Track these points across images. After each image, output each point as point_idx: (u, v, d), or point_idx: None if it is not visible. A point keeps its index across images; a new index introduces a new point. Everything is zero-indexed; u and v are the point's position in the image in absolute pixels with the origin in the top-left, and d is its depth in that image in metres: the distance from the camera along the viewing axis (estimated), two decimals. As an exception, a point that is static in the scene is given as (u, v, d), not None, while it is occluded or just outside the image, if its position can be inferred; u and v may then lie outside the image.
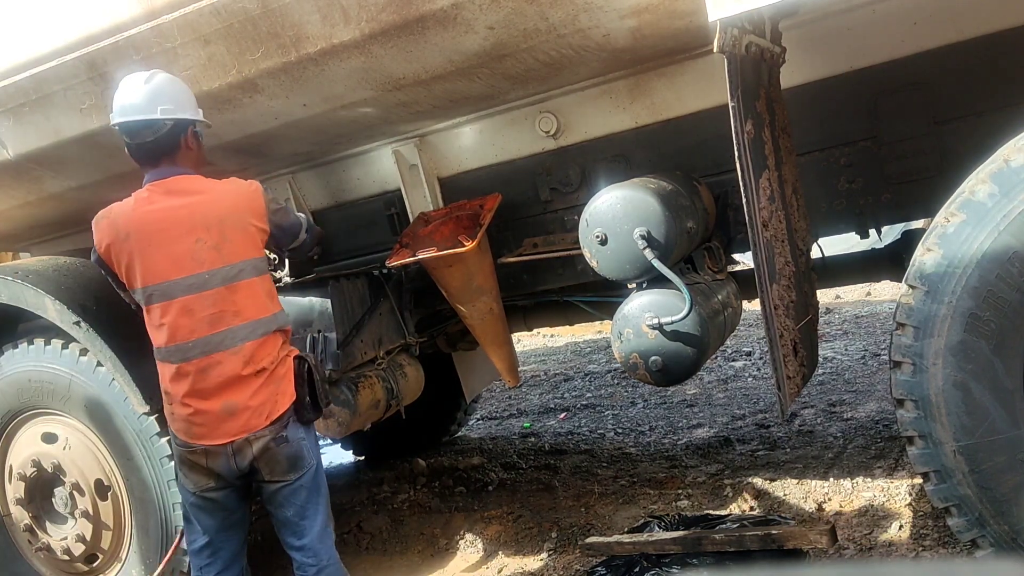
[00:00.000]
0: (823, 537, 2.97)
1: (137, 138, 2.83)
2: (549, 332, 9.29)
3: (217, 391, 2.76)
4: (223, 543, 2.93)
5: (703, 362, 2.88)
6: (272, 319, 2.85)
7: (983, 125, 2.89)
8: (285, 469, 2.83)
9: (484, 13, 2.71)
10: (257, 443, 2.78)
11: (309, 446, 2.91)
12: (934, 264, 2.37)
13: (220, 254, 2.76)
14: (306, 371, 2.89)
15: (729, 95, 2.39)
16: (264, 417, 2.78)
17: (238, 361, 2.76)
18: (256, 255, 2.85)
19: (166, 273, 2.76)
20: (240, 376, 2.76)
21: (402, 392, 3.82)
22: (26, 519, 3.93)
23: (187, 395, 2.78)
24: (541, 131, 3.54)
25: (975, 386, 2.36)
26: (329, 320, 3.46)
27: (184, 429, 2.82)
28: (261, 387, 2.78)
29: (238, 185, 2.91)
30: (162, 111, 2.81)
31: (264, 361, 2.79)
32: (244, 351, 2.76)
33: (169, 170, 2.84)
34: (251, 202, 2.87)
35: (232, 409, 2.76)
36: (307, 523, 2.89)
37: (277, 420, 2.80)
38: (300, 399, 2.86)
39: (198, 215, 2.77)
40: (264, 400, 2.78)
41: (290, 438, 2.83)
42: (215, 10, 2.89)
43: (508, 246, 3.72)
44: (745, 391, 6.04)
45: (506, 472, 5.13)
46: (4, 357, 3.95)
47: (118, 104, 2.85)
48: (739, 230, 3.30)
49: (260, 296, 2.83)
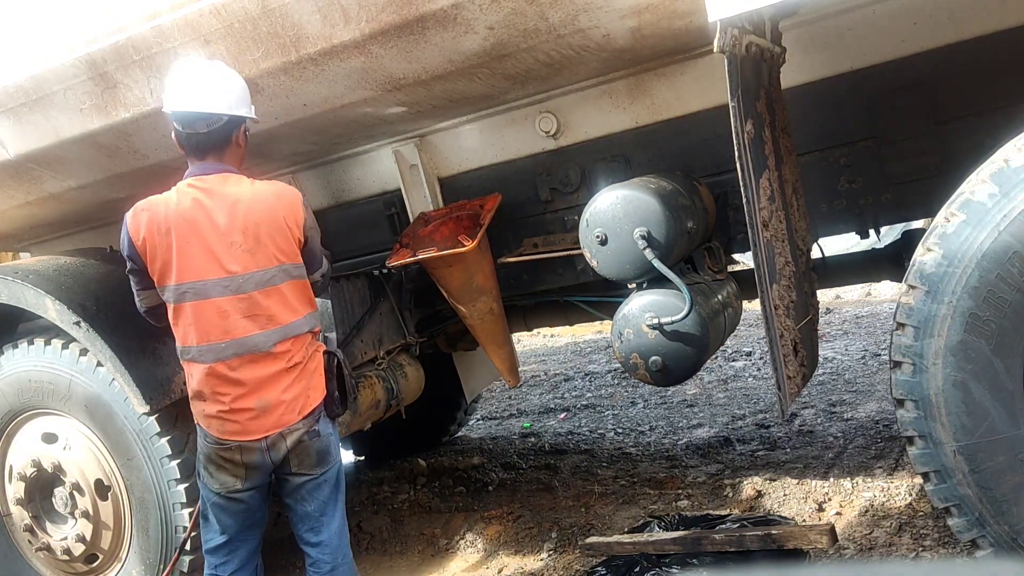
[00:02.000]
0: (823, 537, 2.97)
1: (190, 128, 2.79)
2: (549, 332, 9.30)
3: (251, 389, 2.76)
4: (241, 543, 2.94)
5: (703, 362, 2.88)
6: (304, 322, 2.85)
7: (983, 125, 2.89)
8: (314, 463, 2.86)
9: (484, 13, 2.71)
10: (291, 436, 2.80)
11: (335, 442, 2.95)
12: (934, 264, 2.37)
13: (254, 258, 2.74)
14: (335, 366, 2.91)
15: (729, 95, 2.39)
16: (296, 412, 2.80)
17: (271, 360, 2.77)
18: (289, 260, 2.81)
19: (202, 272, 2.73)
20: (273, 374, 2.78)
21: (402, 392, 3.82)
22: (26, 519, 3.93)
23: (221, 394, 2.77)
24: (541, 131, 3.54)
25: (975, 386, 2.36)
26: (329, 320, 3.46)
27: (218, 427, 2.81)
28: (294, 382, 2.80)
29: (279, 189, 2.86)
30: (224, 106, 2.78)
31: (296, 357, 2.81)
32: (277, 351, 2.78)
33: (213, 166, 2.81)
34: (290, 207, 2.83)
35: (266, 406, 2.76)
36: (326, 519, 2.91)
37: (309, 414, 2.82)
38: (330, 393, 2.89)
39: (237, 217, 2.74)
40: (297, 395, 2.80)
41: (321, 432, 2.86)
42: (215, 10, 2.88)
43: (508, 246, 3.72)
44: (745, 391, 6.04)
45: (506, 472, 5.13)
46: (4, 357, 3.95)
47: (176, 90, 2.80)
48: (739, 230, 3.30)
49: (293, 301, 2.82)
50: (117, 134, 3.40)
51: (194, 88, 2.77)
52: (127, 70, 3.15)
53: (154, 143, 3.44)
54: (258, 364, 2.76)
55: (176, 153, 3.55)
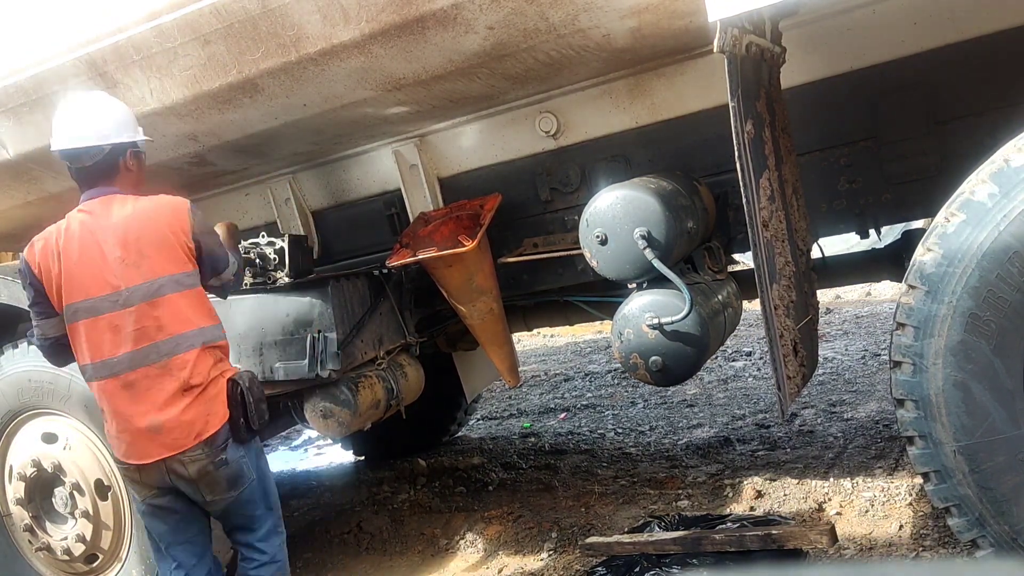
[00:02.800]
0: (823, 537, 2.97)
1: (77, 163, 2.85)
2: (549, 332, 9.29)
3: (145, 408, 2.77)
4: (180, 549, 2.96)
5: (703, 362, 2.88)
6: (198, 333, 2.83)
7: (983, 125, 2.89)
8: (225, 488, 2.86)
9: (484, 13, 2.71)
10: (193, 465, 2.79)
11: (249, 462, 2.92)
12: (934, 264, 2.37)
13: (139, 271, 2.77)
14: (239, 394, 2.86)
15: (729, 95, 2.39)
16: (193, 436, 2.77)
17: (166, 376, 2.77)
18: (178, 270, 2.82)
19: (90, 290, 2.78)
20: (167, 392, 2.77)
21: (402, 392, 3.82)
22: (26, 519, 3.93)
23: (117, 412, 2.81)
24: (541, 131, 3.54)
25: (975, 386, 2.36)
26: (329, 320, 3.46)
27: (116, 446, 2.87)
28: (190, 405, 2.78)
29: (160, 201, 2.88)
30: (99, 136, 2.82)
31: (194, 379, 2.79)
32: (170, 366, 2.77)
33: (101, 190, 2.86)
34: (173, 216, 2.84)
35: (158, 427, 2.76)
36: (255, 526, 2.96)
37: (209, 441, 2.79)
38: (235, 420, 2.85)
39: (120, 233, 2.79)
40: (193, 418, 2.78)
41: (229, 459, 2.84)
42: (215, 10, 2.89)
43: (508, 246, 3.72)
44: (745, 391, 6.04)
45: (506, 472, 5.13)
46: (4, 357, 3.95)
47: (57, 130, 2.87)
48: (739, 230, 3.30)
49: (184, 311, 2.82)
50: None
51: (72, 124, 2.84)
52: (127, 70, 3.15)
53: (154, 143, 3.44)
54: (152, 380, 2.77)
55: (177, 154, 3.56)
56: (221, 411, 2.81)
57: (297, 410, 3.66)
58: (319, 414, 3.49)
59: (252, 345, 3.48)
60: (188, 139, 3.43)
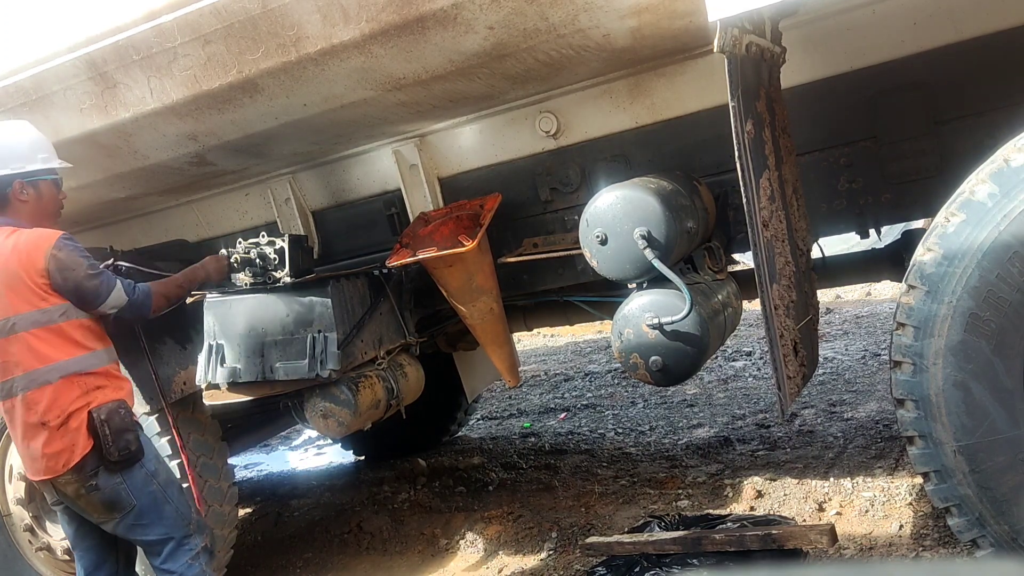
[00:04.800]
0: (823, 537, 2.97)
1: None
2: (549, 332, 9.30)
3: (19, 436, 2.92)
4: (84, 549, 3.11)
5: (703, 362, 2.88)
6: (51, 370, 2.87)
7: (983, 125, 2.89)
8: (102, 512, 2.96)
9: (484, 13, 2.71)
10: (69, 487, 2.91)
11: (129, 488, 2.96)
12: (934, 264, 2.37)
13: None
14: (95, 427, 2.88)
15: (729, 95, 2.39)
16: (61, 465, 2.88)
17: (26, 410, 2.88)
18: (31, 307, 2.86)
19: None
20: (28, 424, 2.89)
21: (402, 392, 3.81)
22: (26, 519, 3.93)
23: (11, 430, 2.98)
24: (541, 131, 3.54)
25: (975, 386, 2.36)
26: (329, 320, 3.45)
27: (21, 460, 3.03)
28: (50, 439, 2.87)
29: (22, 238, 2.90)
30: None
31: (48, 416, 2.85)
32: (27, 400, 2.87)
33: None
34: (28, 255, 2.87)
35: (33, 454, 2.90)
36: (153, 551, 3.05)
37: (77, 469, 2.87)
38: (100, 449, 2.89)
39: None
40: (58, 450, 2.87)
41: (101, 486, 2.91)
42: (215, 10, 2.88)
43: (508, 246, 3.72)
44: (745, 391, 6.04)
45: (506, 472, 5.13)
46: (4, 357, 3.95)
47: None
48: (739, 230, 3.30)
49: (37, 347, 2.86)
50: (117, 134, 3.40)
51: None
52: (127, 70, 3.15)
53: (154, 143, 3.44)
54: (19, 412, 2.89)
55: (177, 154, 3.56)
56: (82, 442, 2.88)
57: (297, 410, 3.65)
58: (319, 414, 3.49)
59: (252, 345, 3.48)
60: (188, 139, 3.43)
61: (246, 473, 6.52)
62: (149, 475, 3.02)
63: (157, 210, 4.39)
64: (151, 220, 4.46)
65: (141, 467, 2.99)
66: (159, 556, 3.04)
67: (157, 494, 3.02)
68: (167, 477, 3.13)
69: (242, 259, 3.50)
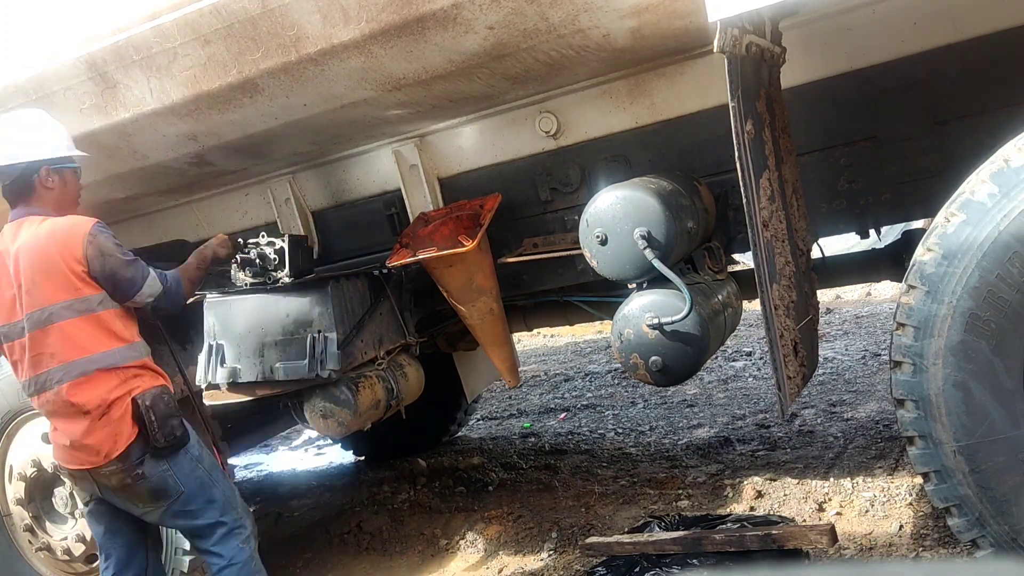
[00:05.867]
0: (823, 537, 2.96)
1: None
2: (549, 332, 9.29)
3: (58, 427, 2.89)
4: (112, 548, 3.05)
5: (703, 362, 2.88)
6: (90, 360, 2.83)
7: (983, 125, 2.89)
8: (149, 500, 2.91)
9: (484, 13, 2.71)
10: (113, 478, 2.85)
11: (176, 474, 2.92)
12: (934, 264, 2.37)
13: (32, 299, 2.81)
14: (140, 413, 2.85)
15: (729, 95, 2.39)
16: (102, 456, 2.82)
17: (63, 402, 2.83)
18: (69, 296, 2.81)
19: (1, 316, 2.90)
20: (69, 416, 2.84)
21: (402, 392, 3.81)
22: (26, 519, 3.93)
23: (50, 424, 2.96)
24: (541, 131, 3.54)
25: (975, 386, 2.36)
26: (329, 320, 3.46)
27: (52, 449, 3.00)
28: (90, 430, 2.81)
29: (57, 225, 2.87)
30: (8, 156, 2.85)
31: (89, 406, 2.81)
32: (64, 392, 2.82)
33: (19, 212, 2.91)
34: (66, 242, 2.83)
35: (73, 443, 2.85)
36: (203, 534, 3.00)
37: (121, 458, 2.82)
38: (144, 437, 2.86)
39: (18, 260, 2.83)
40: (99, 441, 2.82)
41: (147, 474, 2.87)
42: (215, 10, 2.88)
43: (508, 246, 3.72)
44: (745, 391, 6.04)
45: (506, 472, 5.13)
46: (4, 357, 3.95)
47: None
48: (739, 230, 3.30)
49: (77, 338, 2.82)
50: (117, 134, 3.40)
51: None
52: (127, 70, 3.15)
53: (154, 143, 3.44)
54: (56, 404, 2.85)
55: (177, 154, 3.56)
56: (127, 431, 2.83)
57: (297, 410, 3.65)
58: (319, 414, 3.49)
59: (252, 345, 3.48)
60: (188, 139, 3.43)
61: (246, 473, 6.52)
62: (194, 460, 2.98)
63: (157, 210, 4.39)
64: (151, 220, 4.46)
65: (186, 452, 2.95)
66: (210, 539, 2.98)
67: (204, 478, 2.98)
68: (211, 461, 3.08)
69: (242, 259, 3.50)
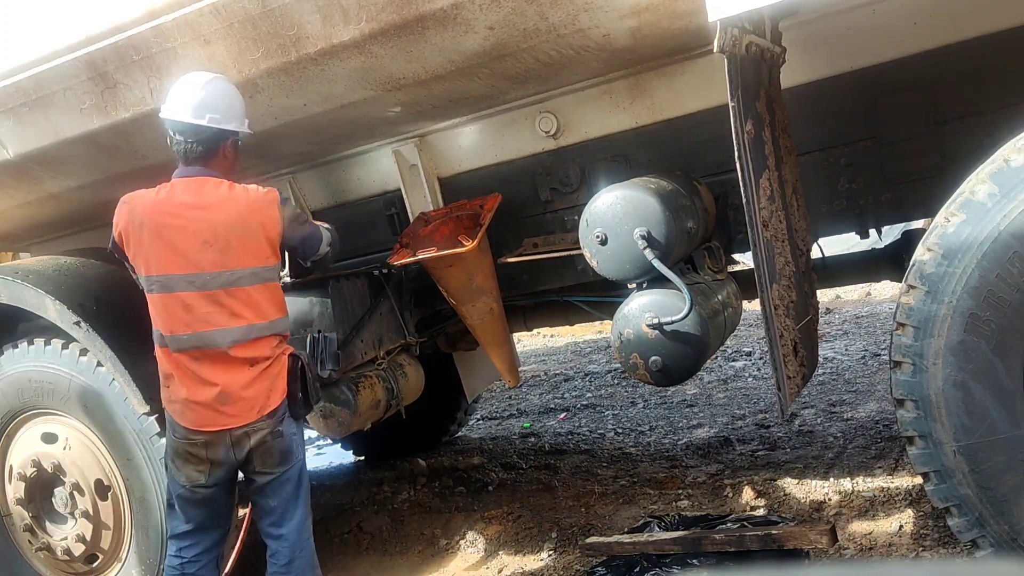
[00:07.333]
0: (823, 537, 2.96)
1: (180, 135, 2.92)
2: (549, 332, 9.29)
3: (211, 383, 2.86)
4: (205, 533, 3.05)
5: (703, 362, 2.88)
6: (268, 326, 2.92)
7: (983, 125, 2.89)
8: (276, 461, 2.95)
9: (484, 13, 2.71)
10: (255, 435, 2.89)
11: (299, 442, 3.04)
12: (934, 264, 2.37)
13: (223, 259, 2.85)
14: (299, 369, 2.98)
15: (729, 95, 2.39)
16: (256, 411, 2.88)
17: (229, 357, 2.86)
18: (259, 263, 2.90)
19: (169, 267, 2.85)
20: (233, 371, 2.86)
21: (402, 392, 3.81)
22: (26, 519, 3.93)
23: (184, 382, 2.89)
24: (541, 131, 3.54)
25: (975, 386, 2.36)
26: (329, 320, 3.46)
27: (181, 414, 2.91)
28: (253, 381, 2.88)
29: (252, 194, 2.94)
30: (209, 119, 2.89)
31: (256, 359, 2.89)
32: (236, 350, 2.86)
33: (197, 170, 2.94)
34: (263, 211, 2.92)
35: (225, 399, 2.86)
36: (288, 514, 3.01)
37: (270, 414, 2.90)
38: (293, 395, 2.96)
39: (209, 219, 2.86)
40: (256, 394, 2.88)
41: (285, 433, 2.95)
42: (215, 10, 2.89)
43: (508, 246, 3.72)
44: (745, 391, 6.04)
45: (506, 472, 5.13)
46: (4, 357, 3.95)
47: (172, 100, 2.92)
48: (739, 230, 3.30)
49: (259, 304, 2.90)
50: (117, 134, 3.40)
51: (188, 100, 2.89)
52: (127, 70, 3.15)
53: (154, 143, 3.44)
54: (218, 360, 2.86)
55: (176, 153, 3.56)
56: (281, 387, 2.93)
57: (297, 410, 3.65)
58: (319, 414, 3.48)
59: (252, 345, 3.48)
60: (188, 139, 3.42)
61: (246, 473, 6.51)
62: (304, 438, 3.11)
63: (157, 210, 4.39)
64: (151, 220, 4.45)
65: (304, 424, 3.08)
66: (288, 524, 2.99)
67: (305, 459, 3.10)
68: None
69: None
